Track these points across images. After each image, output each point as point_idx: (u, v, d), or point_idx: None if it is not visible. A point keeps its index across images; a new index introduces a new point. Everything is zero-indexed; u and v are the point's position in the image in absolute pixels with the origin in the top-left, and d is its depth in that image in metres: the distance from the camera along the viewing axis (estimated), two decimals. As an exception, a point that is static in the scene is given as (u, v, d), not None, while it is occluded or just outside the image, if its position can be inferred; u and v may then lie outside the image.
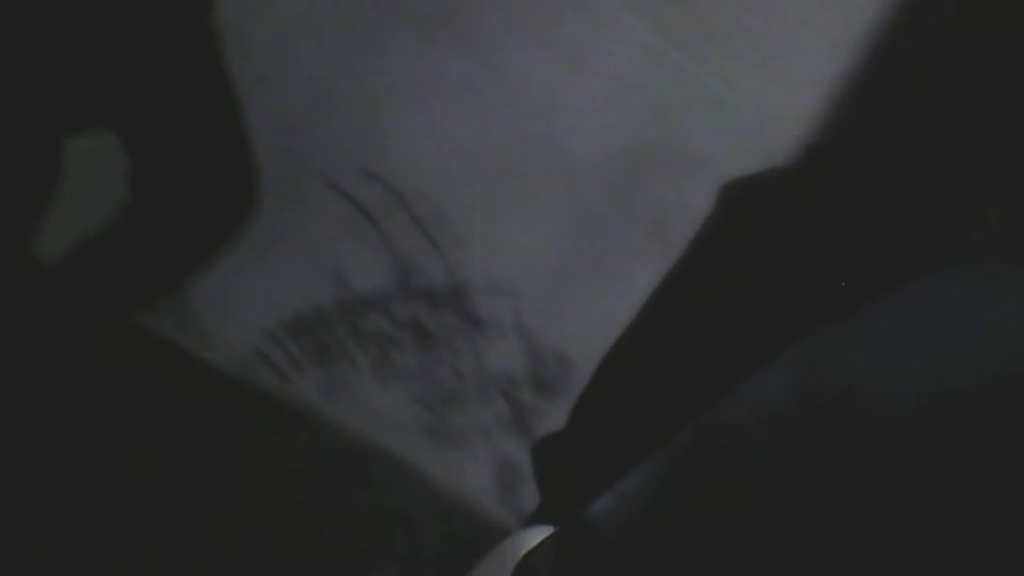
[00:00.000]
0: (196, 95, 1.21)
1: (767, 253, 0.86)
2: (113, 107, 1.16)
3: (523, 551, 0.74)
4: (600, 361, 1.64)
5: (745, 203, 0.94)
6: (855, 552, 0.64)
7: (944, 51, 0.82)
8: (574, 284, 1.69)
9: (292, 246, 1.74)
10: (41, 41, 1.07)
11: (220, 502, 1.78)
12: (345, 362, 1.82)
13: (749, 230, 0.90)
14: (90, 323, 1.33)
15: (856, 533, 0.64)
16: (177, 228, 1.25)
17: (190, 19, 1.18)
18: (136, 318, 1.79)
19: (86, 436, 1.58)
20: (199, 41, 1.20)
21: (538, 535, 0.75)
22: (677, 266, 0.96)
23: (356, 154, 1.67)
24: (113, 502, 1.59)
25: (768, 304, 0.81)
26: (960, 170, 0.76)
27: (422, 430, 1.83)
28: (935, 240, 0.74)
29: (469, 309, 1.76)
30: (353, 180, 1.69)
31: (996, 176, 0.76)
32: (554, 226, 1.68)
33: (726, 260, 0.91)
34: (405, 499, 1.88)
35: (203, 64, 1.21)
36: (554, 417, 1.60)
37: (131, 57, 1.12)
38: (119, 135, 1.19)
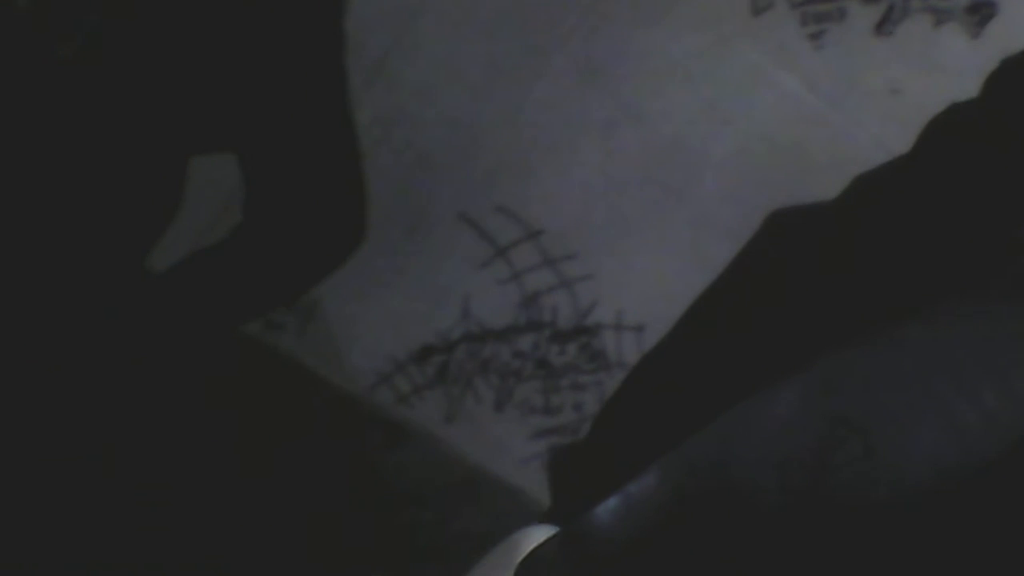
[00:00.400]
0: (320, 123, 1.23)
1: (804, 273, 0.86)
2: (240, 130, 1.19)
3: (526, 550, 0.74)
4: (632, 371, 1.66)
5: (792, 224, 0.93)
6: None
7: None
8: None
9: (423, 277, 1.76)
10: (184, 63, 1.10)
11: (331, 516, 1.81)
12: (466, 391, 1.84)
13: (791, 250, 0.90)
14: (210, 335, 1.36)
15: (857, 565, 0.64)
16: (286, 251, 1.27)
17: (318, 49, 1.20)
18: (266, 336, 1.83)
19: (209, 446, 1.62)
20: (326, 72, 1.22)
21: (541, 534, 0.76)
22: (718, 282, 0.95)
23: (491, 191, 1.69)
24: (227, 511, 1.62)
25: (798, 322, 0.81)
26: (1005, 185, 0.74)
27: (538, 461, 1.84)
28: (968, 255, 0.73)
29: (594, 345, 1.77)
30: (486, 215, 1.71)
31: None
32: (683, 268, 1.69)
33: (763, 278, 0.91)
34: (516, 527, 1.89)
35: (329, 93, 1.23)
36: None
37: (261, 82, 1.15)
38: (242, 156, 1.22)
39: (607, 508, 0.69)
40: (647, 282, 1.73)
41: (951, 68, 1.54)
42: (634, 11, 1.57)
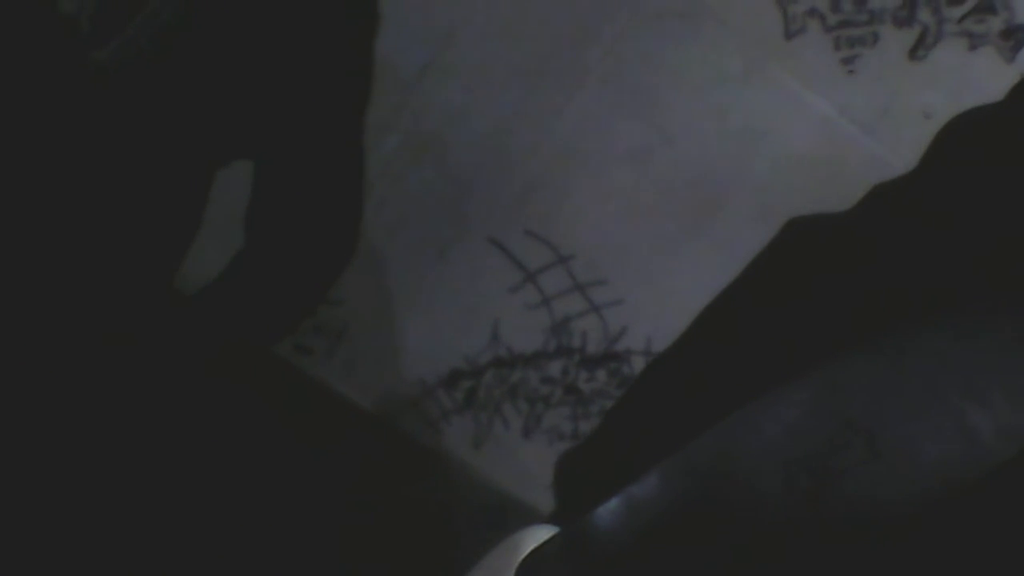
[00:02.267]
0: (336, 138, 1.24)
1: (816, 277, 0.85)
2: (260, 137, 1.20)
3: (526, 550, 0.73)
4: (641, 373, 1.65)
5: (808, 230, 0.93)
6: None
7: None
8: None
9: (452, 301, 1.76)
10: (216, 70, 1.11)
11: (356, 540, 1.81)
12: (495, 416, 1.83)
13: (804, 255, 0.89)
14: (239, 359, 1.36)
15: (862, 570, 0.63)
16: (288, 270, 1.28)
17: (346, 66, 1.21)
18: (295, 360, 1.84)
19: (237, 468, 1.62)
20: (350, 89, 1.23)
21: (541, 534, 0.75)
22: (730, 286, 0.95)
23: (521, 215, 1.69)
24: (251, 530, 1.62)
25: (807, 325, 0.80)
26: (1018, 197, 0.74)
27: (567, 488, 1.83)
28: (981, 260, 0.72)
29: (623, 371, 1.77)
30: (517, 240, 1.71)
31: None
32: (714, 293, 1.67)
33: (775, 282, 0.90)
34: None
35: (349, 111, 1.24)
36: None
37: (286, 93, 1.16)
38: (258, 163, 1.23)
39: (608, 509, 0.68)
40: (677, 308, 1.72)
41: (985, 93, 1.53)
42: (667, 35, 1.58)
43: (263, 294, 1.27)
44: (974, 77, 1.54)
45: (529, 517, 1.86)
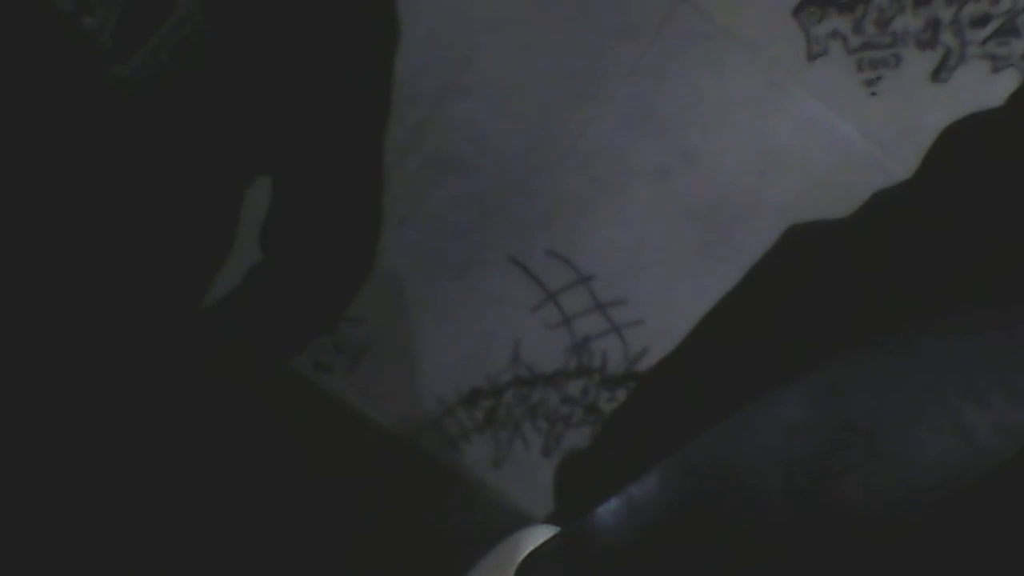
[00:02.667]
0: (356, 155, 1.25)
1: (816, 280, 0.85)
2: (281, 153, 1.21)
3: (526, 550, 0.73)
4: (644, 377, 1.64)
5: (808, 236, 0.93)
6: None
7: None
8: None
9: (473, 320, 1.77)
10: (239, 84, 1.11)
11: (375, 558, 1.81)
12: (515, 436, 1.83)
13: (805, 260, 0.90)
14: (255, 375, 1.37)
15: (861, 570, 0.63)
16: (304, 287, 1.29)
17: (367, 85, 1.22)
18: (315, 377, 1.84)
19: (256, 485, 1.63)
20: (371, 108, 1.24)
21: (541, 534, 0.74)
22: (733, 290, 0.95)
23: (542, 235, 1.70)
24: (267, 548, 1.62)
25: (807, 327, 0.80)
26: (1016, 200, 0.73)
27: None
28: (981, 263, 0.72)
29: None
30: (537, 260, 1.71)
31: None
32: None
33: (775, 286, 0.90)
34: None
35: (371, 129, 1.25)
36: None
37: (307, 109, 1.17)
38: (278, 179, 1.24)
39: (608, 509, 0.68)
40: (698, 329, 1.72)
41: (1009, 116, 1.53)
42: (689, 56, 1.58)
43: (277, 309, 1.27)
44: (997, 99, 1.53)
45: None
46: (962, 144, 0.80)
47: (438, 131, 1.64)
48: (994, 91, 1.53)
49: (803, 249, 0.89)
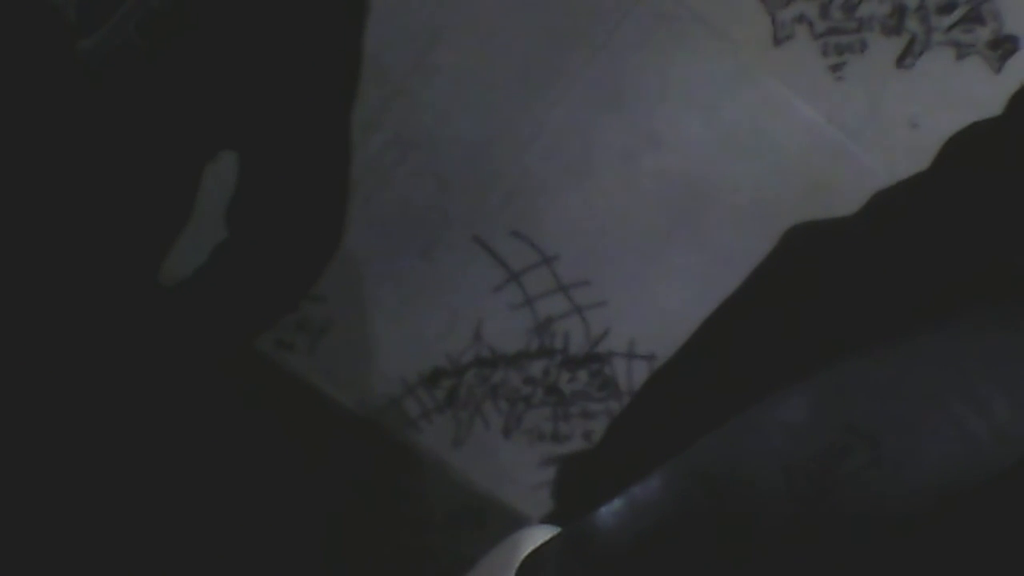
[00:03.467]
0: (324, 132, 1.24)
1: (819, 283, 0.86)
2: (248, 129, 1.20)
3: (526, 550, 0.74)
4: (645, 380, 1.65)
5: (809, 238, 0.94)
6: None
7: None
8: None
9: (436, 301, 1.76)
10: (204, 66, 1.10)
11: (335, 539, 1.80)
12: (475, 416, 1.83)
13: (807, 262, 0.90)
14: (219, 354, 1.36)
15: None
16: (270, 265, 1.28)
17: (336, 61, 1.21)
18: (276, 356, 1.83)
19: (218, 464, 1.62)
20: (340, 84, 1.23)
21: (542, 534, 0.75)
22: (735, 293, 0.95)
23: (506, 215, 1.69)
24: (231, 529, 1.61)
25: (802, 329, 0.81)
26: (1010, 199, 0.74)
27: (546, 488, 1.83)
28: (985, 267, 0.73)
29: (605, 373, 1.76)
30: (501, 240, 1.71)
31: None
32: (697, 298, 1.68)
33: (778, 288, 0.91)
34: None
35: (339, 106, 1.24)
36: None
37: (275, 86, 1.16)
38: (244, 156, 1.23)
39: (610, 510, 0.68)
40: (660, 311, 1.73)
41: (972, 102, 1.54)
42: (655, 39, 1.58)
43: (245, 287, 1.26)
44: (961, 86, 1.54)
45: (507, 516, 1.86)
46: (966, 150, 0.80)
47: (403, 109, 1.63)
48: (959, 78, 1.54)
49: (805, 251, 0.89)
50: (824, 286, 0.83)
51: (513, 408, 1.82)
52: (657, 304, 1.72)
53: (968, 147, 0.80)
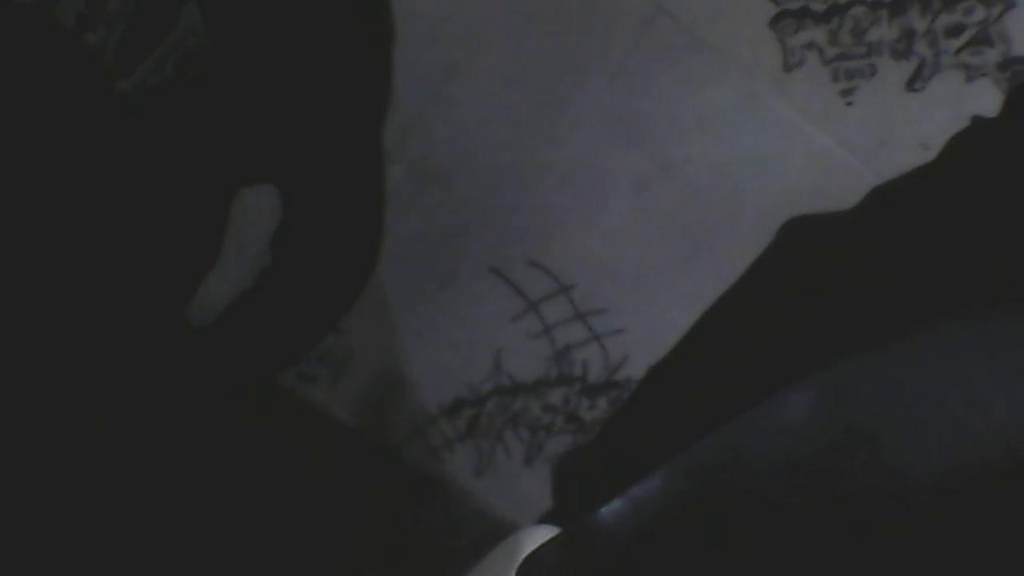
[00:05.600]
0: (358, 161, 1.26)
1: (818, 281, 0.86)
2: (283, 163, 1.21)
3: (526, 550, 0.74)
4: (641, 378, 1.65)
5: (807, 233, 0.94)
6: None
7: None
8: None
9: (454, 330, 1.77)
10: (238, 96, 1.12)
11: (358, 568, 1.80)
12: (497, 445, 1.84)
13: (806, 258, 0.90)
14: (242, 386, 1.37)
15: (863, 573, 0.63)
16: (311, 289, 1.30)
17: (367, 90, 1.23)
18: (294, 388, 1.84)
19: (241, 498, 1.62)
20: (371, 115, 1.25)
21: (542, 535, 0.75)
22: (732, 289, 0.96)
23: (523, 245, 1.71)
24: (249, 554, 1.62)
25: (803, 327, 0.81)
26: (1015, 195, 0.74)
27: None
28: (981, 263, 0.73)
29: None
30: (518, 269, 1.72)
31: None
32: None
33: (776, 286, 0.91)
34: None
35: (370, 135, 1.26)
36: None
37: (307, 119, 1.18)
38: (283, 187, 1.25)
39: (611, 509, 0.69)
40: (677, 337, 1.73)
41: (983, 125, 1.55)
42: (667, 68, 1.60)
43: (290, 307, 1.28)
44: (971, 108, 1.55)
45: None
46: (966, 149, 0.81)
47: (420, 142, 1.65)
48: (968, 100, 1.55)
49: (802, 247, 0.90)
50: (821, 282, 0.84)
51: (534, 436, 1.83)
52: (675, 330, 1.73)
53: (967, 144, 0.81)
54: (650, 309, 1.73)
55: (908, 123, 1.60)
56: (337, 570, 1.76)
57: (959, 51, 1.56)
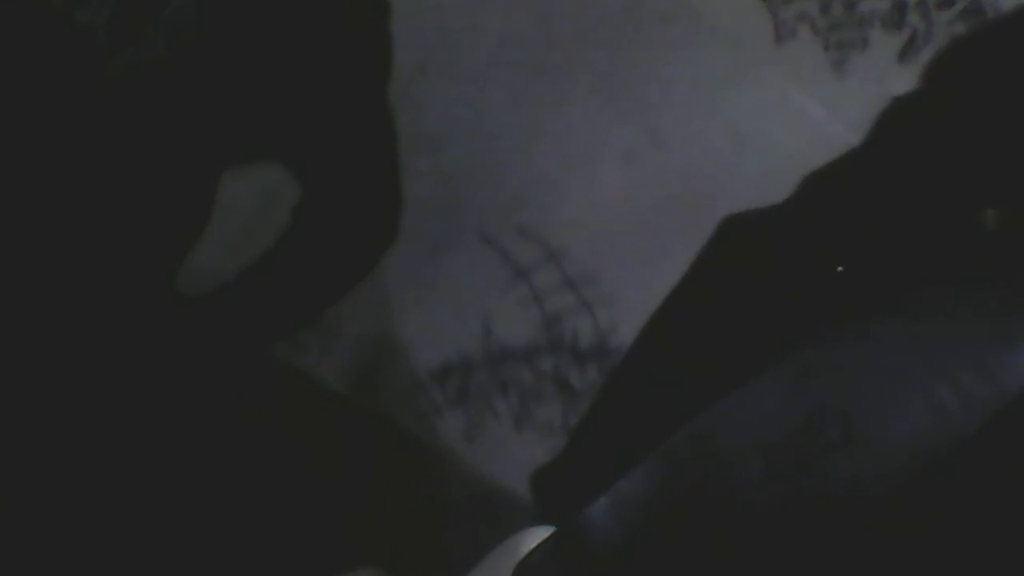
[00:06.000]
0: (368, 131, 1.26)
1: (772, 261, 0.87)
2: (291, 140, 1.21)
3: (523, 552, 0.75)
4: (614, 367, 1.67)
5: (747, 227, 0.95)
6: (848, 564, 0.64)
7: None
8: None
9: (445, 296, 1.78)
10: (233, 76, 1.12)
11: (346, 534, 1.82)
12: (486, 411, 1.85)
13: (746, 253, 0.91)
14: (235, 356, 1.38)
15: (847, 551, 0.64)
16: (326, 258, 1.30)
17: (367, 60, 1.23)
18: (286, 356, 1.85)
19: (229, 465, 1.64)
20: (374, 84, 1.25)
21: (538, 536, 0.76)
22: (678, 288, 0.97)
23: (514, 213, 1.70)
24: (243, 530, 1.63)
25: (768, 311, 0.82)
26: (958, 170, 0.75)
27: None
28: (933, 241, 0.73)
29: (615, 367, 1.78)
30: (509, 237, 1.72)
31: (994, 176, 0.76)
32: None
33: (733, 270, 0.92)
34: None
35: (377, 106, 1.26)
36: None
37: (307, 96, 1.18)
38: (291, 165, 1.25)
39: (599, 507, 0.69)
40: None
41: (974, 96, 1.54)
42: (658, 37, 1.59)
43: (308, 283, 1.28)
44: (962, 81, 1.55)
45: (519, 507, 1.87)
46: (899, 122, 0.81)
47: (409, 111, 1.64)
48: (959, 74, 1.54)
49: (739, 240, 0.90)
50: (765, 273, 0.84)
51: (524, 403, 1.84)
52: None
53: (893, 122, 0.82)
54: (640, 278, 1.73)
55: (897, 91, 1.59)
56: (326, 533, 1.77)
57: (951, 22, 1.55)
